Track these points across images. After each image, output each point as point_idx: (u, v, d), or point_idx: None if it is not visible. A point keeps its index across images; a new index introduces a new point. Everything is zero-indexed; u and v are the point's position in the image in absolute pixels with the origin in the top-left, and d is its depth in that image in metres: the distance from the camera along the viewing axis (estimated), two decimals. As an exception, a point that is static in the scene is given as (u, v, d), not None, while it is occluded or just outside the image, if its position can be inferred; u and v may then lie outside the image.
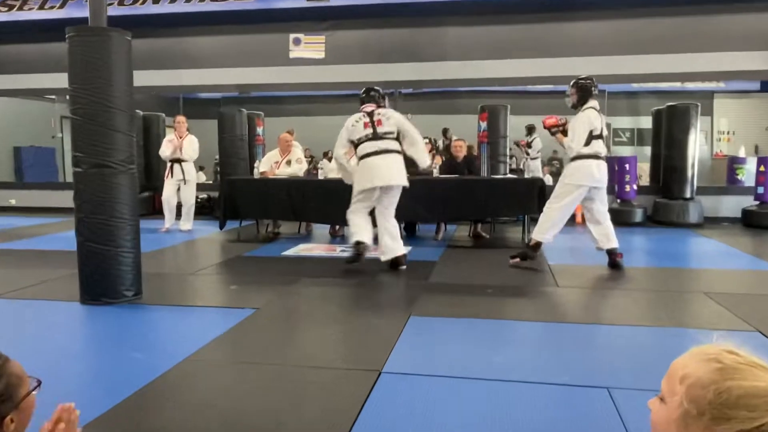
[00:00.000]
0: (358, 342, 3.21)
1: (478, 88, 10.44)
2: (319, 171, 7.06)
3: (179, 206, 7.82)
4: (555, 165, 12.04)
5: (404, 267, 5.05)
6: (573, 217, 7.34)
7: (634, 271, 5.17)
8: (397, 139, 4.96)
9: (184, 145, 7.62)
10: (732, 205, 8.67)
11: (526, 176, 7.58)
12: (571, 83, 5.04)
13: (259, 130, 9.84)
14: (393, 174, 4.88)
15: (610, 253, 5.08)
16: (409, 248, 6.28)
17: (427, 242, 6.88)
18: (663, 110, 8.77)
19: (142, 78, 9.43)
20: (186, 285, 4.72)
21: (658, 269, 5.35)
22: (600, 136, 4.96)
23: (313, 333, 3.40)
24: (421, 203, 6.43)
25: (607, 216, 5.11)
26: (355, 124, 4.99)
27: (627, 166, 8.37)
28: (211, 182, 11.46)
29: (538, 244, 5.12)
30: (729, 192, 8.98)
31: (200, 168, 11.95)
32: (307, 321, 3.62)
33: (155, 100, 11.62)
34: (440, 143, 11.19)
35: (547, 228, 5.03)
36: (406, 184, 4.98)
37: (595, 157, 4.93)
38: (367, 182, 4.90)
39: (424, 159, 5.10)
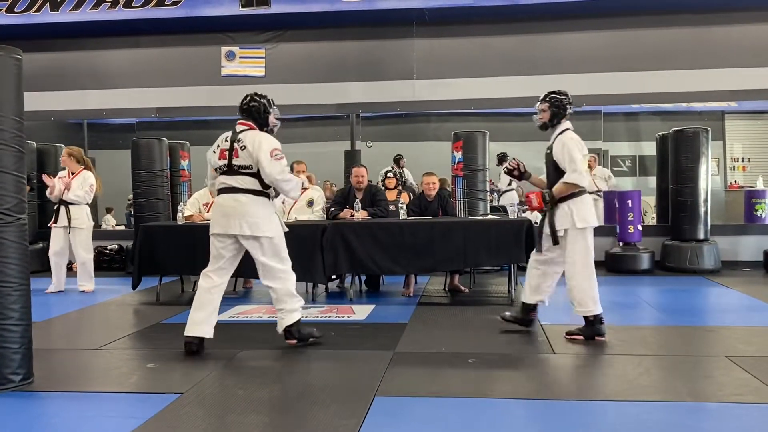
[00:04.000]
0: (310, 434, 3.13)
1: (450, 111, 10.64)
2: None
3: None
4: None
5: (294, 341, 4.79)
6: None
7: (642, 331, 5.26)
8: (259, 176, 4.61)
9: (73, 185, 7.48)
10: (752, 247, 8.97)
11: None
12: (542, 97, 5.00)
13: (184, 163, 9.75)
14: (239, 221, 4.56)
15: (534, 308, 5.15)
16: (372, 307, 6.26)
17: (395, 299, 6.86)
18: (669, 135, 9.09)
19: (37, 101, 9.40)
20: (90, 364, 4.56)
21: (670, 328, 5.44)
22: None
23: (252, 424, 3.30)
24: (386, 251, 6.44)
25: None
26: (215, 149, 4.73)
27: (630, 202, 8.59)
28: (122, 228, 11.24)
29: (597, 317, 4.88)
30: (748, 231, 9.29)
31: (108, 210, 11.74)
32: (245, 408, 3.52)
33: (53, 127, 11.43)
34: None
35: (595, 293, 4.85)
36: (249, 232, 4.57)
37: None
38: (211, 227, 4.70)
39: (285, 189, 4.68)
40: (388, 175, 8.15)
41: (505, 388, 3.85)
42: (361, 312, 6.08)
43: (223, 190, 4.68)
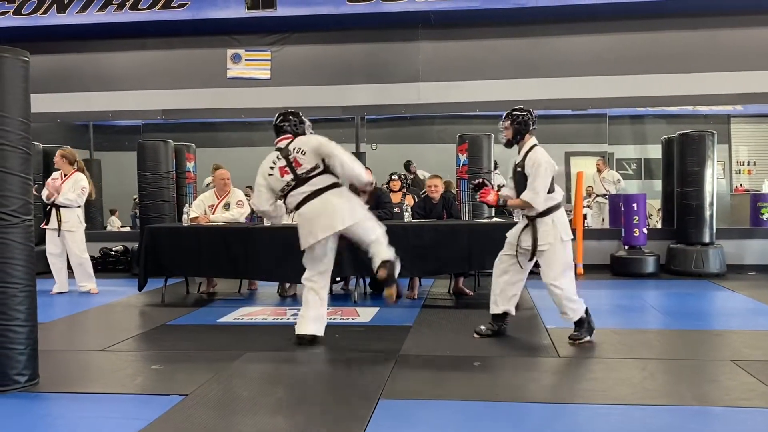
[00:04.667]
0: (314, 437, 3.13)
1: (455, 113, 10.63)
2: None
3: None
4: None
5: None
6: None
7: (648, 335, 5.24)
8: (327, 169, 4.80)
9: (64, 188, 7.45)
10: (758, 251, 8.96)
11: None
12: (505, 115, 5.08)
13: (190, 165, 9.77)
14: (338, 217, 4.71)
15: (506, 315, 5.14)
16: (376, 309, 6.26)
17: (399, 301, 6.83)
18: (674, 139, 9.06)
19: (44, 103, 9.42)
20: (94, 365, 4.57)
21: (676, 332, 5.42)
22: None
23: (256, 426, 3.30)
24: (390, 254, 6.43)
25: None
26: (271, 171, 4.87)
27: (635, 205, 8.57)
28: (128, 229, 11.26)
29: (587, 312, 4.98)
30: (754, 235, 9.25)
31: (112, 212, 11.78)
32: (249, 410, 3.52)
33: (60, 129, 11.47)
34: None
35: (577, 298, 4.93)
36: (351, 221, 4.74)
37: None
38: (309, 237, 4.77)
39: (359, 173, 4.79)
40: (393, 177, 8.15)
41: (509, 392, 3.84)
42: (365, 314, 6.08)
43: (305, 199, 4.78)
